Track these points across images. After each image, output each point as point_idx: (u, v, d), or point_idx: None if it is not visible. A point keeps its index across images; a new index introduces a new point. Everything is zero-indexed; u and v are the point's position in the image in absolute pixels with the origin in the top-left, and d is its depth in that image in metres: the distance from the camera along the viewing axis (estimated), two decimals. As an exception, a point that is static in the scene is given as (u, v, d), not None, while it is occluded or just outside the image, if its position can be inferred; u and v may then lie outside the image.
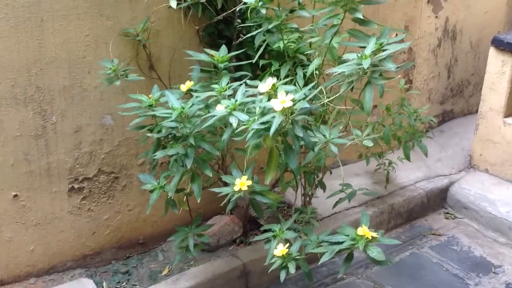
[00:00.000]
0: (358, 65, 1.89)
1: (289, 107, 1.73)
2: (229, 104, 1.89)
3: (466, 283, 2.87)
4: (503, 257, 3.09)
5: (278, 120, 1.72)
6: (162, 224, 2.86)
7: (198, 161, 2.05)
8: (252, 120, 1.81)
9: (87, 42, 2.42)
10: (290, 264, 2.01)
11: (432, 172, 3.62)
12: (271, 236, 2.14)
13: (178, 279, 2.56)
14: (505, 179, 3.55)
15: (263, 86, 1.86)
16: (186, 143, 2.01)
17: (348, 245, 1.91)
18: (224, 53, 2.29)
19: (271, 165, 1.93)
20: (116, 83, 2.30)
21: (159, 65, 2.64)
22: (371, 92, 1.94)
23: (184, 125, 2.01)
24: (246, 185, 1.93)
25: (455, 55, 3.94)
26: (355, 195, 2.70)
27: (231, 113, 1.87)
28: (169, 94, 2.11)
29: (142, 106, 2.19)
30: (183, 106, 2.01)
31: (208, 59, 2.30)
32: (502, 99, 3.47)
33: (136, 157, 2.70)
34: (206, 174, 2.09)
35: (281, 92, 1.76)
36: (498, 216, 3.28)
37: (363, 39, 2.05)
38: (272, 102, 1.75)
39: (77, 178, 2.56)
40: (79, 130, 2.51)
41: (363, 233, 1.89)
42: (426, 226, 3.37)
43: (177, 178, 2.05)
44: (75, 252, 2.66)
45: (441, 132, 3.99)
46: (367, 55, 1.88)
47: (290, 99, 1.73)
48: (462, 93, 4.13)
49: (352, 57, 1.93)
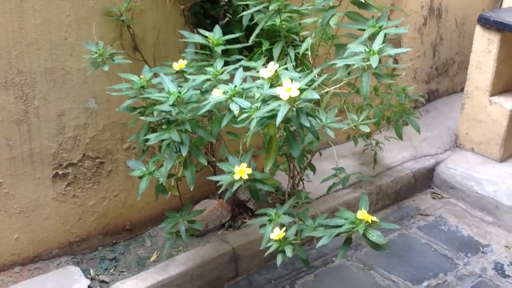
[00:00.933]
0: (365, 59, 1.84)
1: (296, 96, 1.66)
2: (228, 90, 1.82)
3: (455, 263, 2.88)
4: (490, 236, 3.10)
5: (284, 110, 1.66)
6: (149, 209, 2.80)
7: (191, 147, 1.99)
8: (255, 108, 1.74)
9: (69, 23, 2.33)
10: (287, 248, 1.97)
11: (419, 152, 3.61)
12: (267, 220, 2.09)
13: (168, 265, 2.51)
14: (491, 158, 3.56)
15: (264, 71, 1.79)
16: (181, 129, 1.94)
17: (347, 229, 1.88)
18: (219, 35, 2.21)
19: (270, 152, 1.88)
20: (104, 68, 2.21)
21: (144, 46, 2.56)
22: (368, 76, 1.89)
23: (179, 110, 1.94)
24: (246, 173, 1.87)
25: (441, 34, 3.92)
26: (349, 179, 2.67)
27: (232, 99, 1.80)
28: (164, 76, 2.03)
29: (134, 87, 2.11)
30: (179, 91, 1.93)
31: (202, 41, 2.21)
32: (488, 77, 3.46)
33: (121, 141, 2.62)
34: (199, 161, 2.03)
35: (286, 79, 1.69)
36: (485, 196, 3.28)
37: (361, 21, 2.00)
38: (278, 90, 1.69)
39: (61, 163, 2.48)
40: (63, 114, 2.42)
41: (363, 217, 1.85)
42: (414, 206, 3.37)
43: (170, 164, 1.98)
44: (60, 239, 2.59)
45: (426, 111, 3.97)
46: (375, 51, 1.82)
47: (297, 87, 1.67)
48: (447, 72, 4.11)
49: (358, 49, 1.87)
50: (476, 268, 2.84)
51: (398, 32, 1.93)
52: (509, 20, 3.28)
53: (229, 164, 1.96)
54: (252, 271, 2.74)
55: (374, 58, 1.81)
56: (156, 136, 1.95)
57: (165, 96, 1.95)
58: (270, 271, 2.75)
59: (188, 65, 2.18)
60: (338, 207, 2.99)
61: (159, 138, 1.95)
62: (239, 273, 2.70)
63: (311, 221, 2.14)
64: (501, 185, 3.30)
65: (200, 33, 2.26)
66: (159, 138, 1.95)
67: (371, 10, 2.06)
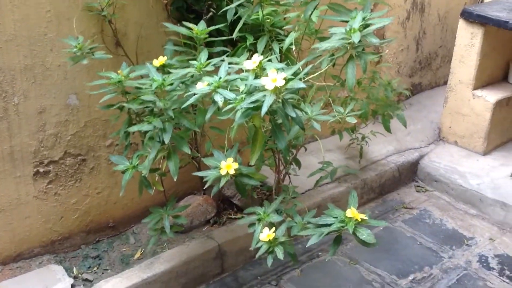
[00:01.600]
0: (346, 39, 1.82)
1: (282, 86, 1.65)
2: (212, 81, 1.80)
3: (440, 256, 2.88)
4: (474, 229, 3.11)
5: (270, 100, 1.64)
6: (133, 206, 2.77)
7: (175, 138, 1.96)
8: (240, 99, 1.72)
9: (49, 18, 2.28)
10: (278, 249, 1.94)
11: (403, 145, 3.62)
12: (255, 219, 2.07)
13: (152, 262, 2.49)
14: (474, 151, 3.57)
15: (248, 63, 1.77)
16: (164, 118, 1.92)
17: (337, 228, 1.86)
18: (203, 27, 2.19)
19: (256, 144, 1.86)
20: (83, 61, 2.18)
21: (126, 42, 2.52)
22: (353, 68, 1.88)
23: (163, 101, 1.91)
24: (233, 168, 1.85)
25: (423, 28, 3.92)
26: (336, 173, 2.65)
27: (216, 91, 1.78)
28: (150, 67, 2.02)
29: (113, 80, 2.08)
30: (164, 78, 1.91)
31: (187, 32, 2.18)
32: (471, 71, 3.47)
33: (103, 138, 2.59)
34: (183, 151, 2.00)
35: (271, 70, 1.68)
36: (468, 189, 3.30)
37: (344, 13, 1.98)
38: (263, 80, 1.67)
39: (42, 161, 2.44)
40: (43, 111, 2.38)
41: (352, 215, 1.83)
42: (398, 200, 3.37)
43: (153, 154, 1.95)
44: (42, 238, 2.55)
45: (410, 105, 3.98)
46: (356, 29, 1.81)
47: (282, 77, 1.65)
48: (430, 66, 4.12)
49: (338, 31, 1.86)
50: (461, 261, 2.85)
51: (381, 23, 1.91)
52: (492, 14, 3.29)
53: (215, 159, 1.94)
54: (238, 267, 2.72)
55: (355, 35, 1.80)
56: (139, 126, 1.93)
57: (148, 83, 1.92)
58: (256, 267, 2.73)
59: (169, 59, 2.15)
60: (324, 202, 3.02)
61: (140, 128, 1.93)
62: (225, 269, 2.68)
63: (299, 218, 2.12)
64: (485, 178, 3.32)
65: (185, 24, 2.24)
66: (140, 128, 1.93)
67: (354, 0, 2.05)
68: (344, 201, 3.13)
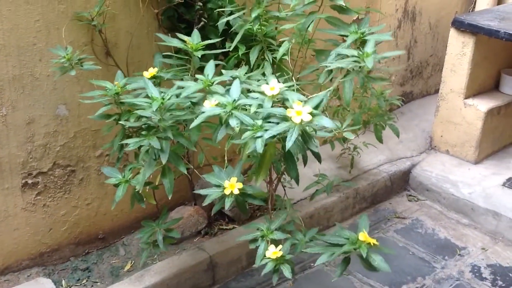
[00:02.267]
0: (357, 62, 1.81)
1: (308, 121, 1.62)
2: (226, 103, 1.74)
3: (433, 266, 2.87)
4: (467, 239, 3.10)
5: (296, 134, 1.60)
6: (123, 217, 2.74)
7: (171, 155, 1.92)
8: (258, 126, 1.67)
9: (38, 28, 2.25)
10: (284, 267, 1.92)
11: (394, 155, 3.61)
12: (258, 235, 2.04)
13: (143, 275, 2.45)
14: (466, 160, 3.57)
15: (266, 88, 1.74)
16: (161, 136, 1.87)
17: (349, 249, 1.83)
18: (197, 39, 2.14)
19: (262, 166, 1.81)
20: (71, 73, 2.14)
21: (116, 51, 2.50)
22: (351, 83, 1.86)
23: (162, 117, 1.87)
24: (237, 188, 1.81)
25: (415, 36, 3.92)
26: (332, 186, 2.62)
27: (232, 114, 1.72)
28: (147, 81, 1.95)
29: (108, 94, 2.04)
30: (163, 97, 1.86)
31: (180, 45, 2.14)
32: (463, 80, 3.47)
33: (93, 148, 2.55)
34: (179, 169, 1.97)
35: (296, 102, 1.65)
36: (460, 198, 3.29)
37: (342, 27, 1.97)
38: (289, 112, 1.63)
39: (31, 172, 2.41)
40: (32, 122, 2.35)
41: (364, 239, 1.81)
42: (390, 209, 3.36)
43: (149, 172, 1.91)
44: (31, 250, 2.51)
45: (401, 114, 3.97)
46: (370, 53, 1.79)
47: (308, 111, 1.62)
48: (421, 75, 4.12)
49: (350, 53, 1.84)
50: (454, 271, 2.84)
51: (381, 38, 1.91)
52: (483, 23, 3.29)
53: (217, 177, 1.89)
54: (230, 279, 2.70)
55: (368, 60, 1.78)
56: (135, 142, 1.88)
57: (148, 101, 1.87)
58: (248, 279, 2.70)
59: (159, 72, 2.11)
60: (316, 212, 3.00)
61: (138, 144, 1.88)
62: (216, 281, 2.65)
63: (301, 235, 2.10)
64: (476, 187, 3.31)
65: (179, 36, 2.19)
66: (138, 144, 1.88)
67: (351, 14, 2.03)
68: (337, 210, 3.13)
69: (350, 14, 2.11)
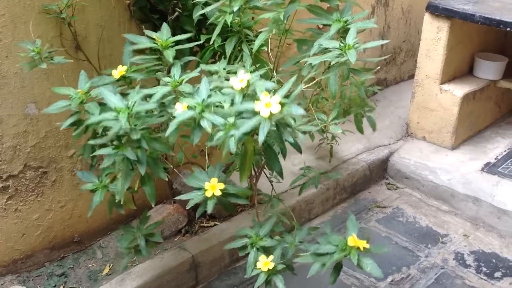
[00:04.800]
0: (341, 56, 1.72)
1: (278, 112, 1.51)
2: (195, 104, 1.63)
3: (416, 255, 2.84)
4: (448, 226, 3.09)
5: (266, 128, 1.49)
6: (99, 218, 2.62)
7: (148, 162, 1.79)
8: (230, 125, 1.56)
9: (3, 23, 2.11)
10: (277, 279, 1.83)
11: (372, 143, 3.57)
12: (248, 243, 1.95)
13: (124, 279, 2.35)
14: (443, 146, 3.55)
15: (235, 81, 1.62)
16: (134, 145, 1.74)
17: (339, 258, 1.74)
18: (167, 35, 2.01)
19: (245, 166, 1.73)
20: (42, 66, 2.00)
21: (87, 45, 2.37)
22: (336, 75, 1.79)
23: (131, 126, 1.72)
24: (218, 189, 1.71)
25: (388, 22, 3.88)
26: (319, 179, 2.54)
27: (202, 116, 1.61)
28: (104, 91, 1.78)
29: (73, 104, 1.88)
30: (128, 106, 1.70)
31: (150, 44, 2.01)
32: (438, 66, 3.44)
33: (65, 148, 2.43)
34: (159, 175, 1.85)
35: (263, 92, 1.54)
36: (440, 184, 3.27)
37: (324, 16, 1.89)
38: (257, 105, 1.51)
39: (1, 176, 2.27)
40: (0, 122, 2.21)
41: (354, 243, 1.73)
42: (370, 198, 3.32)
43: (127, 183, 1.78)
44: (3, 257, 2.38)
45: (376, 101, 3.94)
46: (351, 45, 1.71)
47: (276, 101, 1.52)
48: (395, 61, 4.09)
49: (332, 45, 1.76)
50: (438, 259, 2.82)
51: (365, 26, 1.84)
52: (458, 7, 3.26)
53: (197, 179, 1.79)
54: (213, 278, 2.62)
55: (351, 53, 1.70)
56: (109, 156, 1.73)
57: (114, 115, 1.69)
58: (231, 277, 2.63)
59: (128, 70, 1.98)
60: (298, 205, 2.94)
61: (113, 159, 1.74)
62: (199, 281, 2.57)
63: (291, 238, 2.03)
64: (455, 173, 3.30)
65: (147, 34, 2.05)
66: (113, 159, 1.74)
67: (333, 3, 1.95)
68: (318, 202, 3.08)
69: (332, 3, 2.03)
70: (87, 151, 1.99)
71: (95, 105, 1.89)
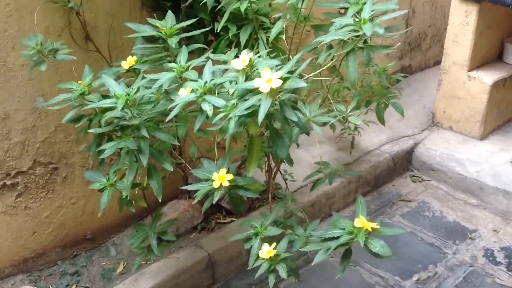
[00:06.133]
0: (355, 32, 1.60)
1: (278, 87, 1.41)
2: (197, 87, 1.55)
3: (444, 252, 2.71)
4: (476, 220, 2.95)
5: (266, 104, 1.40)
6: (112, 215, 2.54)
7: (153, 153, 1.71)
8: (231, 106, 1.48)
9: (8, 13, 2.02)
10: (280, 267, 1.74)
11: (396, 133, 3.43)
12: (251, 233, 1.85)
13: (137, 279, 2.26)
14: (471, 136, 3.40)
15: (237, 62, 1.53)
16: (137, 135, 1.66)
17: (346, 241, 1.65)
18: (172, 22, 1.89)
19: (253, 154, 1.63)
20: (41, 68, 1.89)
21: (97, 35, 2.27)
22: (355, 61, 1.66)
23: (132, 113, 1.65)
24: (227, 180, 1.62)
25: (413, 6, 3.72)
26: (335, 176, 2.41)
27: (203, 98, 1.53)
28: (106, 78, 1.72)
29: (72, 96, 1.80)
30: (128, 92, 1.63)
31: (153, 33, 1.90)
32: (466, 51, 3.28)
33: (76, 143, 2.34)
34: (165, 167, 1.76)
35: (264, 68, 1.44)
36: (467, 177, 3.12)
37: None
38: (256, 81, 1.42)
39: (9, 173, 2.19)
40: (7, 117, 2.12)
41: (361, 224, 1.63)
42: (394, 192, 3.19)
43: (132, 176, 1.71)
44: (13, 256, 2.30)
45: (400, 89, 3.77)
46: (367, 19, 1.58)
47: (278, 76, 1.41)
48: (420, 47, 3.93)
49: (344, 21, 1.63)
50: (466, 256, 2.69)
51: (386, 7, 1.70)
52: (487, -10, 3.09)
53: (205, 170, 1.70)
54: (230, 277, 2.52)
55: (366, 27, 1.57)
56: (111, 147, 1.67)
57: (113, 101, 1.65)
58: (249, 276, 2.52)
59: (138, 61, 1.88)
60: (318, 199, 2.82)
61: (115, 149, 1.66)
62: (216, 280, 2.47)
63: (301, 230, 1.92)
64: (484, 165, 3.15)
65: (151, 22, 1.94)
66: (115, 149, 1.66)
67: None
68: (339, 197, 2.95)
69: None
70: (93, 146, 1.90)
71: (97, 96, 1.81)
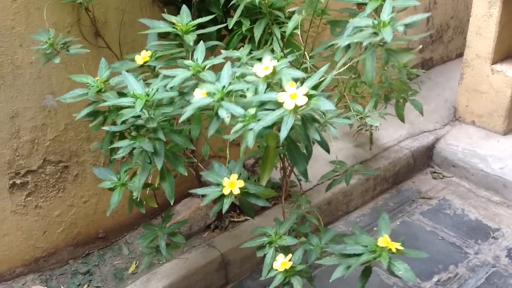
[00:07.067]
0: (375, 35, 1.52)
1: (304, 105, 1.33)
2: (214, 91, 1.47)
3: (465, 252, 2.63)
4: (500, 219, 2.85)
5: (290, 122, 1.33)
6: (124, 213, 2.49)
7: (167, 155, 1.66)
8: (250, 116, 1.40)
9: (16, 9, 1.98)
10: (295, 280, 1.68)
11: (416, 128, 3.33)
12: (265, 242, 1.79)
13: (149, 279, 2.23)
14: (494, 131, 3.29)
15: (259, 68, 1.44)
16: (153, 136, 1.61)
17: (368, 260, 1.57)
18: (187, 18, 1.84)
19: (267, 163, 1.56)
20: (55, 60, 1.86)
21: (107, 31, 2.22)
22: (373, 59, 1.58)
23: (150, 115, 1.60)
24: (237, 187, 1.56)
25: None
26: (352, 175, 2.34)
27: (221, 104, 1.45)
28: (126, 75, 1.66)
29: (89, 93, 1.75)
30: (147, 93, 1.58)
31: (168, 29, 1.84)
32: (490, 44, 3.17)
33: (87, 141, 2.30)
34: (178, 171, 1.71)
35: (289, 83, 1.36)
36: (490, 174, 3.02)
37: (358, -8, 1.68)
38: (280, 96, 1.35)
39: (19, 172, 2.16)
40: (16, 115, 2.09)
41: (385, 244, 1.55)
42: (414, 189, 3.10)
43: (144, 177, 1.66)
44: (24, 256, 2.28)
45: (420, 82, 3.67)
46: (386, 23, 1.50)
47: (303, 93, 1.34)
48: (442, 39, 3.81)
49: (364, 22, 1.55)
50: (489, 256, 2.60)
51: (407, 4, 1.62)
52: (512, -20, 2.98)
53: (216, 174, 1.64)
54: (244, 277, 2.47)
55: (386, 31, 1.48)
56: (125, 147, 1.62)
57: (131, 101, 1.59)
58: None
59: (152, 56, 1.82)
60: (335, 197, 2.75)
61: (129, 149, 1.61)
62: (230, 280, 2.43)
63: (317, 240, 1.85)
64: (508, 161, 3.04)
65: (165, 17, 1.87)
66: (129, 149, 1.61)
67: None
68: (356, 194, 2.88)
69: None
70: (105, 144, 1.85)
71: (114, 94, 1.75)
